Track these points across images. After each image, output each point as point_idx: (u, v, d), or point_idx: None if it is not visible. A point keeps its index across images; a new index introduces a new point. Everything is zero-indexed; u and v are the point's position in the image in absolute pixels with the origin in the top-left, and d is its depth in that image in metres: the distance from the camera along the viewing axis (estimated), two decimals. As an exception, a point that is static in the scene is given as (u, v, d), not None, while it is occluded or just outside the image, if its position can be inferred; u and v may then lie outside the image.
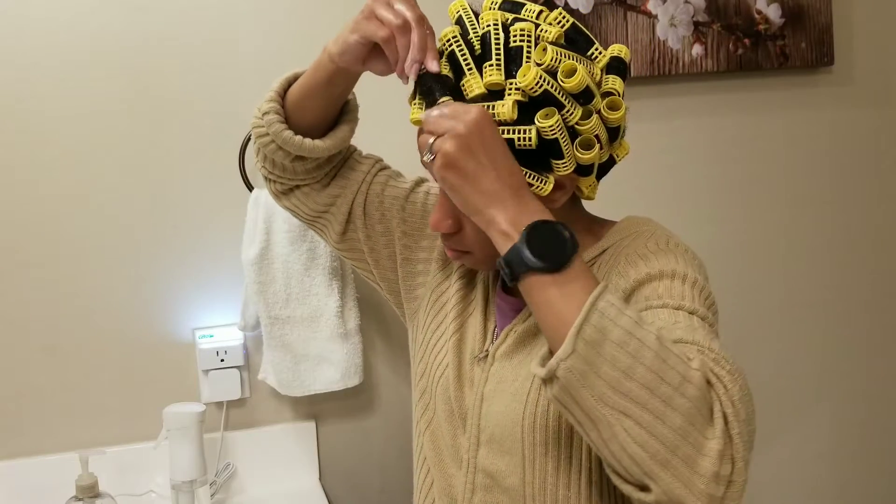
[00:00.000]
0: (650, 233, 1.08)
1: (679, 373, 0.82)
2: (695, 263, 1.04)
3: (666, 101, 1.84)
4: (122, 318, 1.61)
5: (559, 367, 0.83)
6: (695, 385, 0.82)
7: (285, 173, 1.24)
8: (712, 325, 0.96)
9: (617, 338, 0.83)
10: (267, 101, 1.19)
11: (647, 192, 1.84)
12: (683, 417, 0.81)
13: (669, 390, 0.81)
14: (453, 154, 0.92)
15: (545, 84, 0.96)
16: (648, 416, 0.81)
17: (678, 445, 0.81)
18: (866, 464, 2.06)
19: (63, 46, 1.54)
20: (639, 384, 0.82)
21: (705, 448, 0.81)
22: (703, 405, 0.82)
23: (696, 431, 0.81)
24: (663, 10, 1.77)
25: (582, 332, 0.83)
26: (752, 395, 0.88)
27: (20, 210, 1.55)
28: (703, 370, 0.84)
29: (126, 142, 1.58)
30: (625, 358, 0.82)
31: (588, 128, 0.99)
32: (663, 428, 0.81)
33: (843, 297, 2.00)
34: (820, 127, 1.94)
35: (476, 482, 1.11)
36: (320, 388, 1.61)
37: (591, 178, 1.05)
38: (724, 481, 0.82)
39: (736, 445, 0.82)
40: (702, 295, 0.99)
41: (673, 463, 0.81)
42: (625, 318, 0.84)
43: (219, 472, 1.64)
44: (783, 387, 1.98)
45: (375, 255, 1.29)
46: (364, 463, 1.75)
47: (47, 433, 1.59)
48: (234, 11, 1.61)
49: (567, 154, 0.99)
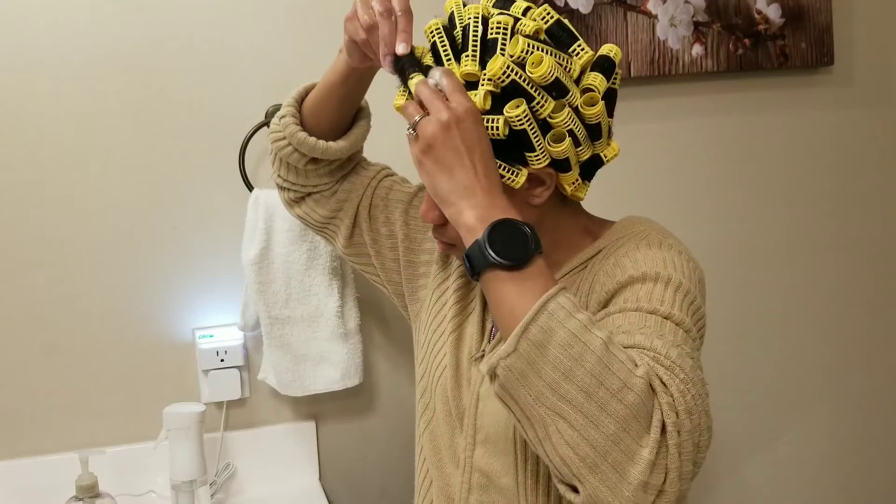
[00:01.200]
0: (645, 234, 1.08)
1: (620, 379, 0.82)
2: (687, 268, 1.02)
3: (666, 101, 1.84)
4: (122, 318, 1.61)
5: (499, 364, 0.85)
6: (635, 392, 0.81)
7: (298, 179, 1.28)
8: (688, 331, 0.94)
9: (561, 340, 0.83)
10: (284, 107, 1.24)
11: (647, 192, 1.84)
12: (618, 423, 0.81)
13: (607, 395, 0.81)
14: (433, 140, 0.93)
15: (513, 74, 0.97)
16: (582, 419, 0.81)
17: (609, 451, 0.81)
18: (867, 464, 2.06)
19: (63, 47, 1.54)
20: (577, 387, 0.82)
21: (637, 456, 0.81)
22: (641, 412, 0.81)
23: (629, 438, 0.81)
24: (663, 10, 1.77)
25: (527, 332, 0.83)
26: (706, 408, 0.86)
27: (20, 210, 1.55)
28: (647, 377, 0.83)
29: (126, 142, 1.58)
30: (567, 360, 0.82)
31: (559, 121, 0.99)
32: (596, 432, 0.81)
33: (843, 296, 2.00)
34: (820, 127, 1.94)
35: (472, 482, 1.11)
36: (320, 388, 1.61)
37: (573, 175, 1.04)
38: (653, 490, 0.81)
39: (671, 456, 0.81)
40: (685, 300, 0.97)
41: (602, 468, 0.81)
42: (573, 321, 0.84)
43: (219, 472, 1.64)
44: (783, 387, 1.98)
45: (381, 258, 1.31)
46: (364, 463, 1.75)
47: (47, 433, 1.59)
48: (234, 11, 1.61)
49: (538, 146, 0.99)
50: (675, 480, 0.81)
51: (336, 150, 1.23)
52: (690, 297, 0.98)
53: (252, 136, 1.60)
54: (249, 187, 1.60)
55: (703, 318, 1.00)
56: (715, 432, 2.06)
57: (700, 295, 1.01)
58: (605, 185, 1.11)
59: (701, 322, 0.99)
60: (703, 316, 1.00)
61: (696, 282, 1.01)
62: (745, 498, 1.99)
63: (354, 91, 1.20)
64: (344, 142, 1.24)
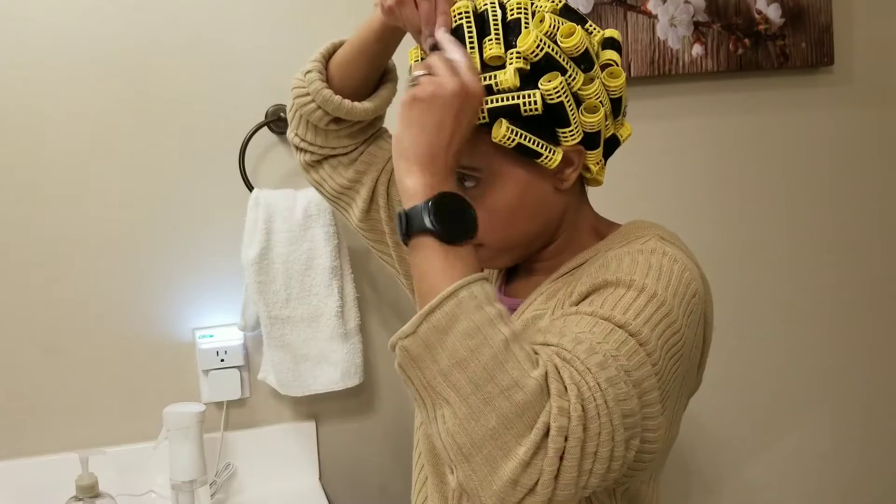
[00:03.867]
0: (644, 239, 1.03)
1: (512, 377, 0.82)
2: (676, 281, 0.96)
3: (666, 101, 1.84)
4: (122, 318, 1.61)
5: (398, 343, 0.86)
6: (525, 391, 0.81)
7: (317, 139, 1.25)
8: (643, 343, 0.89)
9: (463, 329, 0.83)
10: (310, 62, 1.21)
11: (648, 192, 1.84)
12: (499, 419, 0.81)
13: (495, 391, 0.81)
14: (431, 97, 0.92)
15: (545, 47, 0.97)
16: (466, 409, 0.82)
17: (484, 444, 0.82)
18: (867, 464, 2.06)
19: (63, 47, 1.54)
20: (468, 378, 0.82)
21: (512, 453, 0.81)
22: (527, 412, 0.81)
23: (509, 435, 0.81)
24: (663, 10, 1.77)
25: (431, 317, 0.84)
26: (621, 419, 0.84)
27: (20, 210, 1.55)
28: (542, 379, 0.82)
29: (126, 142, 1.58)
30: (463, 350, 0.83)
31: (591, 92, 1.00)
32: (476, 425, 0.82)
33: (843, 296, 2.00)
34: (820, 127, 1.94)
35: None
36: (320, 388, 1.61)
37: (599, 153, 1.04)
38: (522, 489, 0.81)
39: (549, 458, 0.80)
40: (656, 313, 0.92)
41: (475, 458, 0.82)
42: (481, 313, 0.84)
43: (219, 472, 1.64)
44: (784, 387, 1.98)
45: (395, 236, 1.28)
46: (364, 463, 1.75)
47: (47, 433, 1.59)
48: (234, 12, 1.61)
49: (574, 120, 0.99)
50: (548, 482, 0.81)
51: (361, 110, 1.20)
52: (664, 310, 0.93)
53: (252, 136, 1.60)
54: (249, 187, 1.60)
55: (679, 334, 0.93)
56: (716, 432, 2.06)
57: (684, 312, 0.95)
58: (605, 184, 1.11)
59: (675, 339, 0.93)
60: (679, 332, 0.93)
61: (682, 297, 0.95)
62: (746, 498, 1.99)
63: (387, 48, 1.18)
64: (369, 103, 1.21)
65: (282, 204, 1.57)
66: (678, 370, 0.95)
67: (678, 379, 0.96)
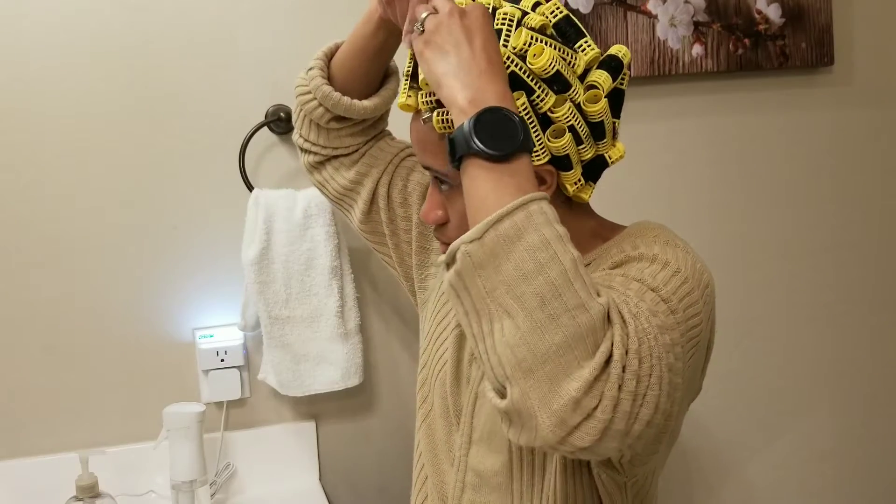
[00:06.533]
0: (654, 234, 1.04)
1: (579, 297, 0.80)
2: (693, 267, 0.97)
3: (666, 101, 1.84)
4: (122, 318, 1.61)
5: (460, 248, 0.82)
6: (590, 315, 0.80)
7: (320, 139, 1.26)
8: (673, 311, 0.89)
9: (532, 242, 0.81)
10: (313, 60, 1.23)
11: (648, 192, 1.84)
12: (564, 337, 0.79)
13: (561, 308, 0.79)
14: (437, 28, 0.91)
15: (512, 65, 0.96)
16: (530, 323, 0.79)
17: (548, 360, 0.79)
18: (867, 464, 2.06)
19: (63, 46, 1.54)
20: (533, 292, 0.80)
21: (575, 373, 0.79)
22: (590, 336, 0.80)
23: (572, 355, 0.79)
24: (663, 10, 1.77)
25: (499, 224, 0.81)
26: (663, 368, 0.83)
27: (20, 210, 1.55)
28: (606, 307, 0.82)
29: (126, 142, 1.58)
30: (531, 263, 0.80)
31: (561, 115, 0.97)
32: (540, 340, 0.79)
33: (843, 297, 2.00)
34: (820, 127, 1.94)
35: (466, 481, 1.11)
36: (320, 388, 1.61)
37: (574, 174, 1.01)
38: (583, 412, 0.79)
39: (611, 384, 0.79)
40: (681, 288, 0.92)
41: (537, 374, 0.79)
42: (551, 229, 0.82)
43: (219, 472, 1.64)
44: (784, 386, 1.98)
45: (396, 238, 1.30)
46: (364, 463, 1.75)
47: (47, 433, 1.59)
48: (234, 11, 1.61)
49: (538, 141, 0.97)
50: (608, 408, 0.79)
51: (360, 108, 1.21)
52: (687, 287, 0.93)
53: (252, 136, 1.60)
54: (249, 187, 1.60)
55: (698, 317, 0.94)
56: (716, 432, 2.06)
57: (701, 296, 0.96)
58: (605, 184, 1.11)
59: (694, 321, 0.93)
60: (698, 315, 0.94)
61: (699, 282, 0.97)
62: (746, 497, 1.99)
63: (386, 43, 1.18)
64: (369, 101, 1.22)
65: (282, 204, 1.57)
66: (692, 356, 0.94)
67: (690, 368, 0.95)
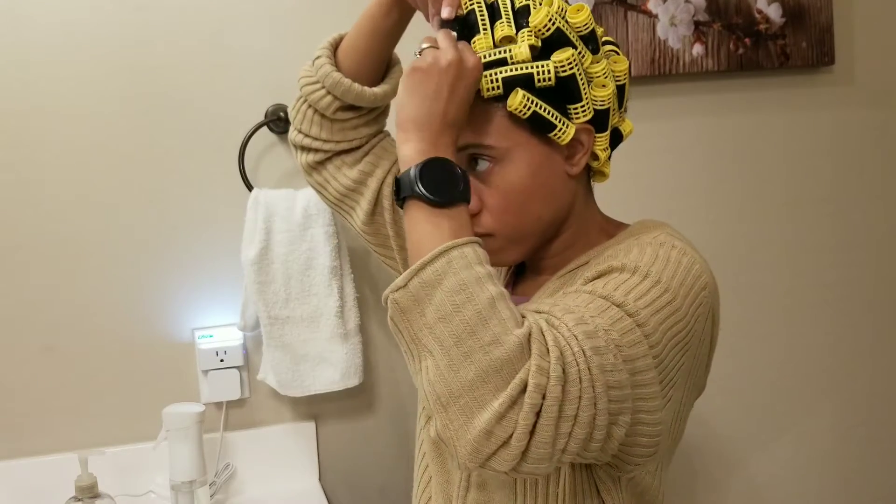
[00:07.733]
0: (654, 235, 1.04)
1: (493, 333, 0.85)
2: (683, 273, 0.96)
3: (666, 101, 1.84)
4: (122, 318, 1.61)
5: (390, 296, 0.90)
6: (505, 348, 0.84)
7: (323, 132, 1.24)
8: (641, 324, 0.90)
9: (450, 286, 0.87)
10: (318, 50, 1.22)
11: (648, 192, 1.83)
12: (477, 373, 0.84)
13: (475, 346, 0.85)
14: (429, 67, 0.97)
15: (557, 22, 1.01)
16: (446, 361, 0.86)
17: (462, 394, 0.85)
18: (868, 463, 2.06)
19: (63, 46, 1.54)
20: (450, 332, 0.86)
21: (488, 405, 0.84)
22: (505, 368, 0.84)
23: (486, 388, 0.84)
24: (664, 10, 1.77)
25: (422, 272, 0.88)
26: (597, 390, 0.85)
27: (20, 210, 1.55)
28: (523, 339, 0.85)
29: (126, 141, 1.58)
30: (449, 306, 0.86)
31: (599, 70, 1.03)
32: (454, 376, 0.85)
33: (843, 296, 2.00)
34: (820, 127, 1.94)
35: (471, 480, 1.11)
36: (320, 388, 1.60)
37: (606, 138, 1.05)
38: (496, 440, 0.84)
39: (524, 413, 0.83)
40: (658, 300, 0.93)
41: (452, 409, 0.85)
42: (469, 272, 0.88)
43: (218, 473, 1.63)
44: (784, 386, 1.98)
45: (400, 240, 1.28)
46: (364, 463, 1.75)
47: (47, 433, 1.59)
48: (234, 11, 1.61)
49: (584, 94, 1.02)
50: (522, 436, 0.83)
51: (370, 95, 1.20)
52: (667, 297, 0.93)
53: (252, 135, 1.60)
54: (249, 187, 1.60)
55: (683, 322, 0.94)
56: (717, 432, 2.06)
57: (691, 303, 0.95)
58: (606, 183, 1.11)
59: (679, 327, 0.93)
60: (683, 321, 0.94)
61: (689, 287, 0.96)
62: (746, 497, 1.99)
63: (396, 25, 1.18)
64: (379, 88, 1.21)
65: (281, 204, 1.57)
66: (683, 360, 0.96)
67: (684, 370, 0.96)
